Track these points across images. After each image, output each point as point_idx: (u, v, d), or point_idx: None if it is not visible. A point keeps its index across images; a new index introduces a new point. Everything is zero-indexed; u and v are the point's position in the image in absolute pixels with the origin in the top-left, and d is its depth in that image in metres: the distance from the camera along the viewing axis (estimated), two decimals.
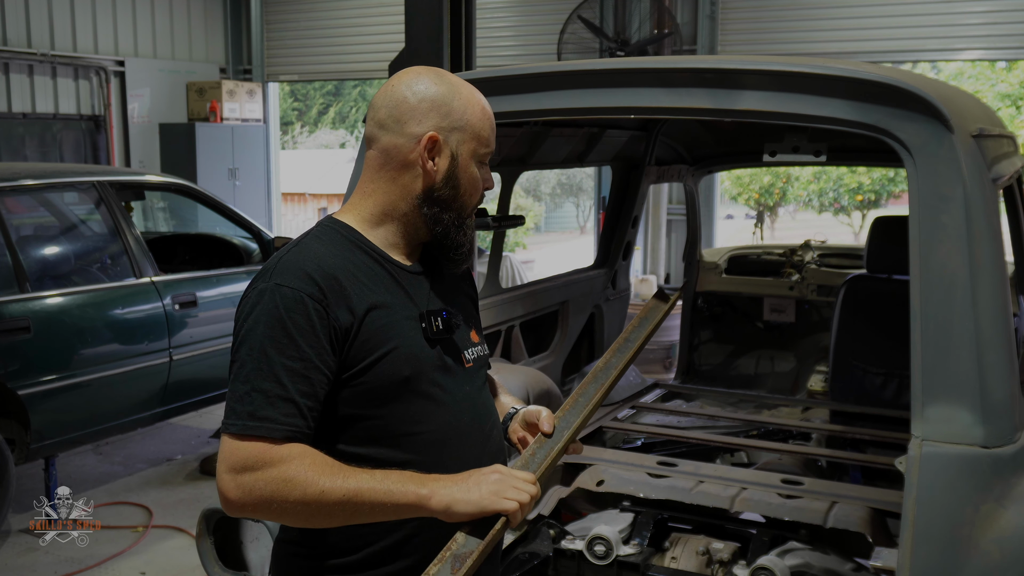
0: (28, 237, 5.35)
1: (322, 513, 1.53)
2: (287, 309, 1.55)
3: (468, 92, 1.72)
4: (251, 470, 1.52)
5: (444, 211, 1.71)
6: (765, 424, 3.70)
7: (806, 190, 17.88)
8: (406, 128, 1.68)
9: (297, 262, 1.61)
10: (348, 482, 1.51)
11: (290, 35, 11.61)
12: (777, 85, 2.10)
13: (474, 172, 1.72)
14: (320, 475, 1.51)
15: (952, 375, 1.87)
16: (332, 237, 1.69)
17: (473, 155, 1.71)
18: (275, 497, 1.51)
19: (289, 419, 1.54)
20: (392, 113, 1.69)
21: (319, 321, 1.56)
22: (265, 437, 1.52)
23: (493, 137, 1.75)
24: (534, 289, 3.85)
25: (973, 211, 1.91)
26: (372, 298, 1.63)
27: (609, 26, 8.89)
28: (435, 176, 1.69)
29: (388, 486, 1.52)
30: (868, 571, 2.43)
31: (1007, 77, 15.89)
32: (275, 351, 1.54)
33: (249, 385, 1.54)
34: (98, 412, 5.03)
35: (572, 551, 2.60)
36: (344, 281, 1.61)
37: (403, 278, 1.70)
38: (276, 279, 1.59)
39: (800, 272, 4.76)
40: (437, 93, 1.68)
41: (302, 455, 1.53)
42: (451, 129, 1.68)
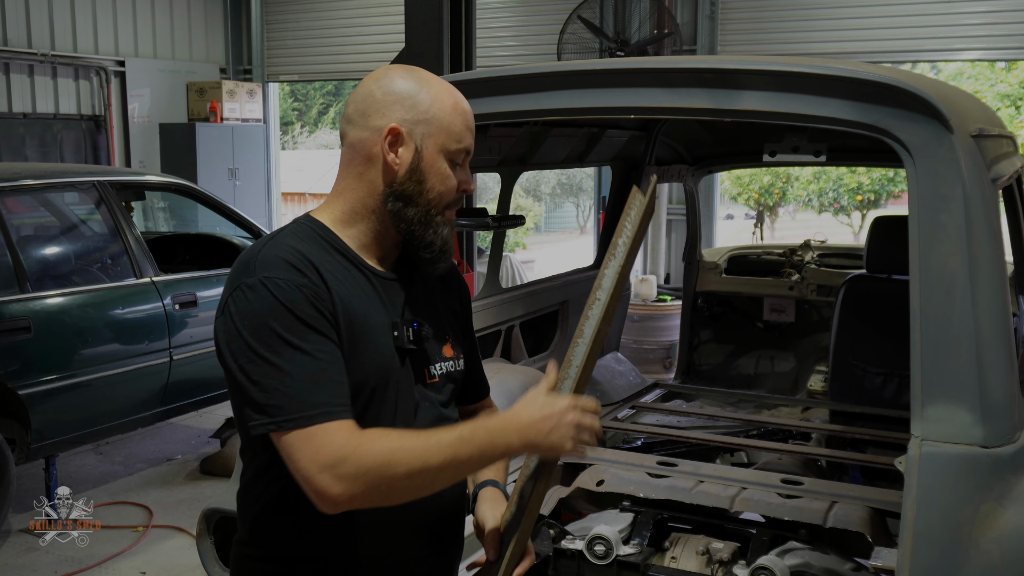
0: (28, 237, 5.35)
1: (427, 482, 1.53)
2: (288, 300, 1.52)
3: (439, 87, 1.68)
4: (345, 460, 1.47)
5: (408, 206, 1.65)
6: (765, 424, 3.70)
7: (806, 190, 17.88)
8: (370, 121, 1.65)
9: (278, 255, 1.57)
10: (443, 446, 1.52)
11: (290, 35, 11.61)
12: (777, 85, 2.10)
13: (443, 167, 1.66)
14: (413, 445, 1.50)
15: (952, 375, 1.88)
16: (307, 235, 1.65)
17: (441, 149, 1.66)
18: (382, 479, 1.48)
19: (339, 399, 1.52)
20: (359, 107, 1.67)
21: (321, 305, 1.54)
22: (330, 422, 1.48)
23: (468, 135, 1.69)
24: (534, 289, 3.85)
25: (973, 211, 1.91)
26: (349, 298, 1.60)
27: (609, 26, 8.89)
28: (398, 169, 1.64)
29: (480, 442, 1.55)
30: (868, 571, 2.43)
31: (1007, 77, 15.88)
32: (297, 339, 1.50)
33: (284, 378, 1.49)
34: (98, 412, 5.03)
35: (572, 551, 2.60)
36: (323, 273, 1.58)
37: (377, 283, 1.67)
38: (263, 273, 1.54)
39: (800, 272, 4.76)
40: (404, 87, 1.66)
41: (381, 434, 1.52)
42: (416, 121, 1.64)
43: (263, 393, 1.49)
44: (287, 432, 1.48)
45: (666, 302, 8.49)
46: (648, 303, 8.44)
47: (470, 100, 2.46)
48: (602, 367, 4.10)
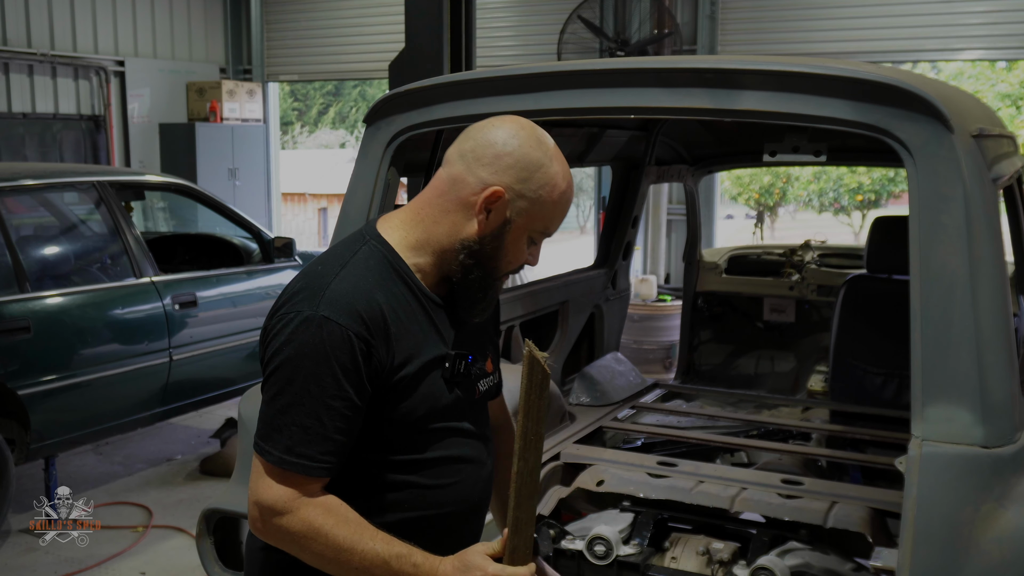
0: (28, 237, 5.35)
1: (336, 570, 1.57)
2: (333, 347, 1.53)
3: (557, 170, 1.65)
4: (279, 513, 1.55)
5: (477, 266, 1.66)
6: (765, 424, 3.70)
7: (806, 190, 17.90)
8: (479, 170, 1.62)
9: (347, 295, 1.57)
10: (365, 559, 1.54)
11: (290, 35, 11.60)
12: (777, 85, 2.10)
13: (521, 244, 1.67)
14: (339, 542, 1.54)
15: (952, 375, 1.87)
16: (378, 263, 1.65)
17: (527, 229, 1.66)
18: (296, 544, 1.56)
19: (325, 457, 1.55)
20: (475, 148, 1.64)
21: (363, 361, 1.56)
22: (302, 475, 1.55)
23: (558, 222, 1.69)
24: (534, 289, 3.85)
25: (973, 211, 1.91)
26: (407, 337, 1.62)
27: (609, 26, 8.89)
28: (483, 229, 1.63)
29: (397, 572, 1.55)
30: (868, 571, 2.43)
31: (1007, 77, 15.89)
32: (318, 388, 1.53)
33: (288, 418, 1.54)
34: (98, 412, 5.03)
35: (572, 551, 2.60)
36: (389, 319, 1.60)
37: (435, 314, 1.69)
38: (324, 311, 1.54)
39: (800, 272, 4.76)
40: (529, 156, 1.62)
41: (328, 511, 1.56)
42: (520, 195, 1.62)
43: (267, 415, 1.57)
44: (261, 457, 1.57)
45: (666, 302, 8.49)
46: (648, 303, 8.44)
47: (470, 100, 2.48)
48: (602, 367, 4.10)
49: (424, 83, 2.56)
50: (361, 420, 1.59)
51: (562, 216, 1.70)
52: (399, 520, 1.66)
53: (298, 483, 1.56)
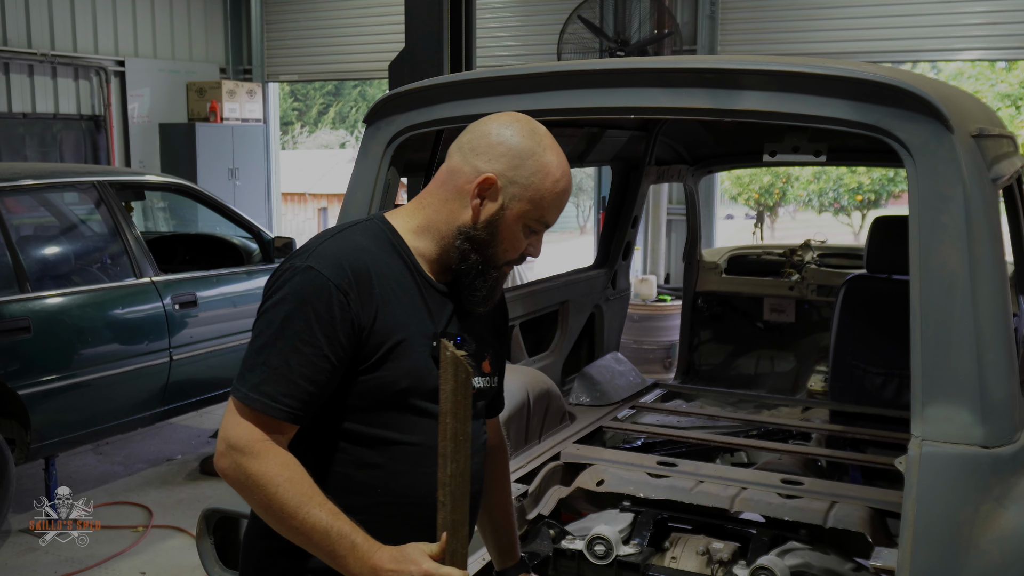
0: (28, 237, 5.35)
1: (279, 528, 1.59)
2: (312, 294, 1.59)
3: (551, 159, 1.70)
4: (240, 452, 1.58)
5: (474, 252, 1.71)
6: (765, 424, 3.70)
7: (806, 190, 17.89)
8: (474, 159, 1.69)
9: (337, 250, 1.64)
10: (307, 523, 1.55)
11: (290, 35, 11.60)
12: (777, 85, 2.10)
13: (517, 232, 1.72)
14: (289, 497, 1.55)
15: (952, 375, 1.87)
16: (376, 234, 1.72)
17: (522, 216, 1.70)
18: (247, 488, 1.58)
19: (285, 399, 1.58)
20: (472, 140, 1.71)
21: (340, 312, 1.59)
22: (261, 412, 1.58)
23: (555, 212, 1.73)
24: (534, 289, 3.85)
25: (973, 211, 1.91)
26: (394, 306, 1.66)
27: (609, 26, 8.89)
28: (478, 216, 1.69)
29: (338, 550, 1.54)
30: (868, 571, 2.43)
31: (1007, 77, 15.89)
32: (291, 331, 1.58)
33: (260, 358, 1.60)
34: (98, 412, 5.03)
35: (572, 551, 2.60)
36: (375, 280, 1.64)
37: (429, 294, 1.72)
38: (311, 261, 1.62)
39: (800, 272, 4.76)
40: (520, 144, 1.68)
41: (286, 465, 1.57)
42: (513, 181, 1.68)
43: (246, 355, 1.63)
44: (233, 394, 1.61)
45: (666, 302, 8.49)
46: (648, 303, 8.44)
47: (470, 100, 2.48)
48: (602, 367, 4.10)
49: (424, 83, 2.56)
50: (332, 375, 1.61)
51: (558, 205, 1.73)
52: (365, 504, 1.65)
53: (263, 424, 1.59)
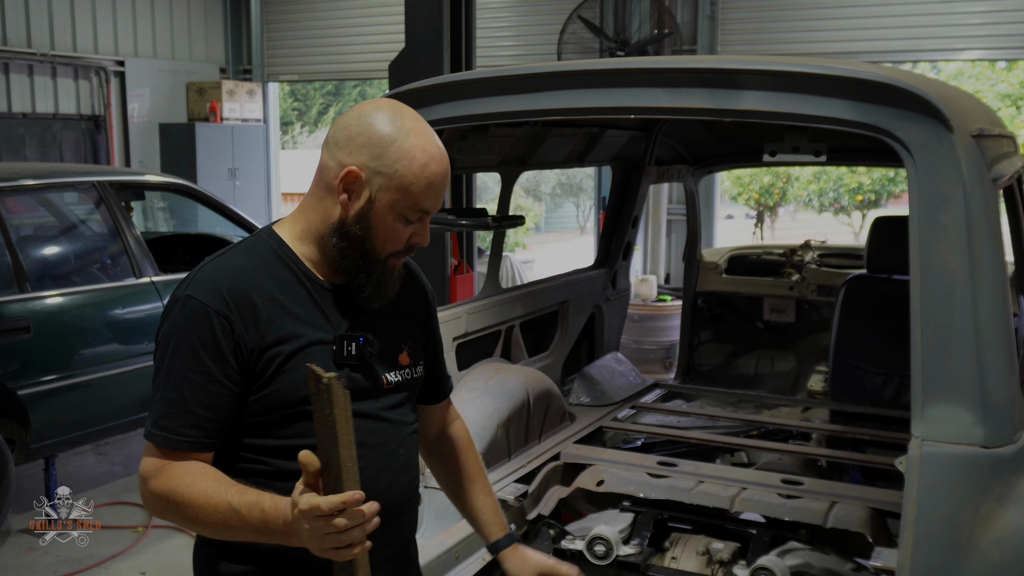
0: (28, 237, 5.34)
1: (204, 531, 1.60)
2: (193, 323, 1.59)
3: (416, 142, 1.62)
4: (148, 479, 1.60)
5: (351, 248, 1.66)
6: (765, 424, 3.70)
7: (806, 190, 17.87)
8: (338, 153, 1.64)
9: (213, 274, 1.64)
10: (219, 510, 1.54)
11: (290, 35, 11.60)
12: (777, 85, 2.10)
13: (391, 222, 1.65)
14: (195, 497, 1.55)
15: (952, 375, 1.87)
16: (261, 249, 1.69)
17: (393, 206, 1.63)
18: (165, 508, 1.60)
19: (187, 430, 1.59)
20: (336, 134, 1.66)
21: (223, 336, 1.59)
22: (165, 447, 1.60)
23: (429, 198, 1.65)
24: (534, 289, 3.85)
25: (973, 211, 1.91)
26: (283, 319, 1.64)
27: (609, 26, 8.89)
28: (347, 211, 1.64)
29: (253, 522, 1.51)
30: (868, 571, 2.43)
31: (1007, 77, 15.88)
32: (180, 363, 1.60)
33: (158, 393, 1.62)
34: (98, 412, 5.03)
35: (572, 551, 2.60)
36: (256, 299, 1.62)
37: (323, 298, 1.69)
38: (189, 290, 1.63)
39: (800, 272, 4.76)
40: (378, 132, 1.62)
41: (187, 471, 1.58)
42: (377, 172, 1.62)
43: (150, 396, 1.65)
44: (144, 436, 1.65)
45: (666, 302, 8.49)
46: (648, 303, 8.44)
47: (470, 100, 2.48)
48: (602, 367, 4.10)
49: (424, 83, 2.56)
50: (230, 399, 1.61)
51: (432, 191, 1.65)
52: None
53: (168, 455, 1.61)
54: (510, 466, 3.03)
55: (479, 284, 6.90)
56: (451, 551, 2.55)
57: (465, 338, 3.27)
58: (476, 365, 3.34)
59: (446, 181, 1.68)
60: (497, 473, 2.96)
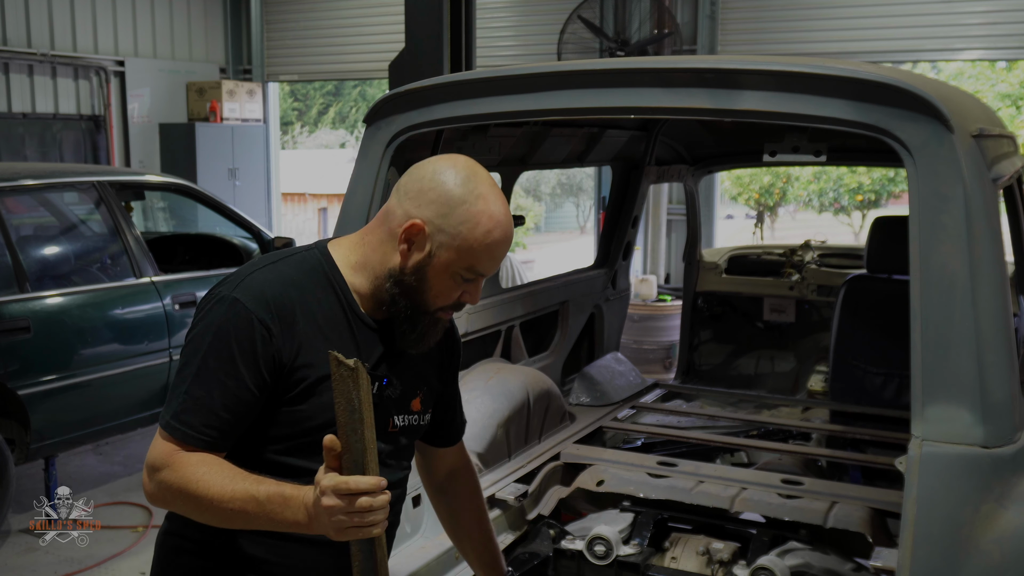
0: (28, 237, 5.34)
1: (219, 521, 1.60)
2: (236, 327, 1.60)
3: (482, 208, 1.65)
4: (160, 469, 1.60)
5: (403, 296, 1.68)
6: (765, 424, 3.70)
7: (806, 190, 17.88)
8: (406, 203, 1.66)
9: (263, 283, 1.64)
10: (236, 499, 1.54)
11: (290, 35, 11.60)
12: (777, 85, 2.10)
13: (446, 281, 1.67)
14: (211, 484, 1.55)
15: (952, 375, 1.87)
16: (313, 268, 1.70)
17: (450, 265, 1.65)
18: (176, 498, 1.59)
19: (207, 430, 1.60)
20: (408, 182, 1.68)
21: (262, 346, 1.60)
22: (180, 441, 1.60)
23: (486, 264, 1.68)
24: (534, 289, 3.85)
25: (973, 211, 1.91)
26: (318, 342, 1.64)
27: (609, 26, 8.89)
28: (406, 260, 1.66)
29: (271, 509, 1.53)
30: (868, 571, 2.43)
31: (1007, 77, 15.88)
32: (215, 363, 1.60)
33: (184, 386, 1.61)
34: (98, 412, 5.03)
35: (572, 551, 2.60)
36: (299, 315, 1.63)
37: (360, 331, 1.71)
38: (237, 293, 1.62)
39: (800, 272, 4.76)
40: (451, 192, 1.64)
41: (201, 461, 1.58)
42: (440, 230, 1.63)
43: (174, 384, 1.65)
44: (159, 423, 1.64)
45: (666, 302, 8.49)
46: (648, 303, 8.44)
47: (470, 100, 2.48)
48: (602, 367, 4.10)
49: (424, 83, 2.56)
50: (254, 406, 1.62)
51: (491, 257, 1.67)
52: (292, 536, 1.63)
53: (180, 448, 1.60)
54: (510, 466, 3.03)
55: None
56: (451, 551, 2.55)
57: (465, 338, 3.27)
58: (476, 365, 3.34)
59: (507, 248, 1.72)
60: (497, 473, 2.96)
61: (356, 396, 1.42)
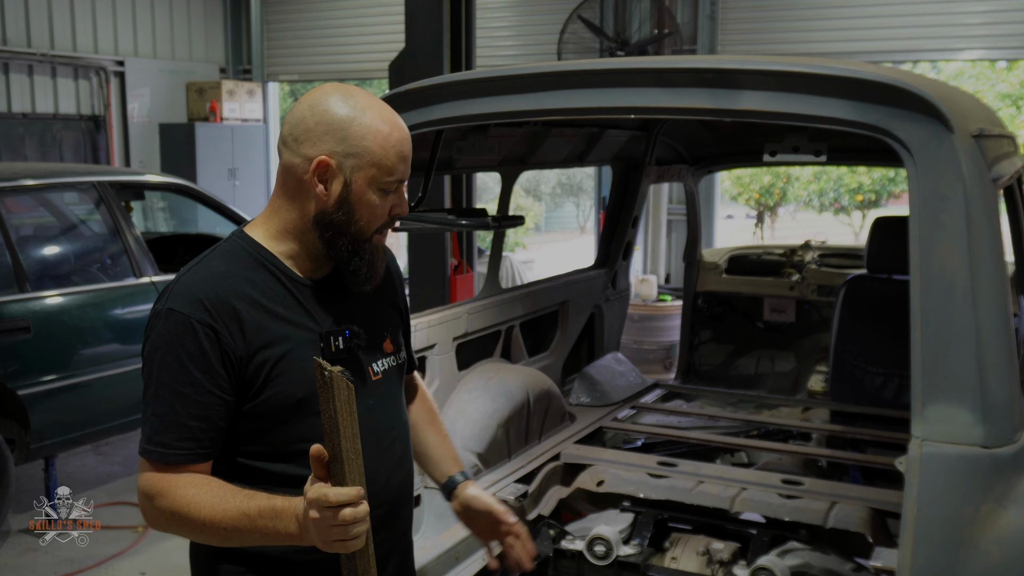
0: (28, 237, 5.35)
1: (216, 540, 1.60)
2: (178, 335, 1.59)
3: (373, 116, 1.65)
4: (152, 497, 1.60)
5: (338, 236, 1.68)
6: (765, 424, 3.70)
7: (806, 190, 17.86)
8: (301, 148, 1.65)
9: (192, 285, 1.64)
10: (228, 516, 1.54)
11: (290, 35, 11.60)
12: (777, 85, 2.10)
13: (372, 199, 1.67)
14: (202, 504, 1.55)
15: (952, 375, 1.87)
16: (236, 254, 1.70)
17: (371, 182, 1.66)
18: (172, 523, 1.60)
19: (181, 443, 1.59)
20: (292, 131, 1.67)
21: (210, 346, 1.59)
22: (160, 462, 1.60)
23: (401, 166, 1.68)
24: (534, 289, 3.85)
25: (973, 211, 1.91)
26: (267, 322, 1.64)
27: (609, 26, 8.89)
28: (327, 200, 1.66)
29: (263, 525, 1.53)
30: (868, 571, 2.43)
31: (1007, 77, 15.87)
32: (168, 376, 1.59)
33: (149, 409, 1.61)
34: (98, 412, 5.03)
35: (572, 551, 2.60)
36: (238, 306, 1.62)
37: (305, 295, 1.70)
38: (170, 303, 1.62)
39: (800, 272, 4.76)
40: (336, 116, 1.64)
41: (190, 483, 1.58)
42: (346, 154, 1.64)
43: (142, 413, 1.64)
44: (139, 454, 1.64)
45: (666, 302, 8.49)
46: (648, 303, 8.44)
47: (470, 100, 2.48)
48: (602, 367, 4.10)
49: (424, 83, 2.56)
50: (222, 406, 1.61)
51: (401, 158, 1.68)
52: None
53: (164, 470, 1.61)
54: (510, 466, 3.03)
55: (479, 284, 6.90)
56: (451, 551, 2.55)
57: (465, 338, 3.27)
58: (476, 365, 3.34)
59: (410, 145, 1.71)
60: (497, 473, 2.96)
61: (333, 406, 1.42)
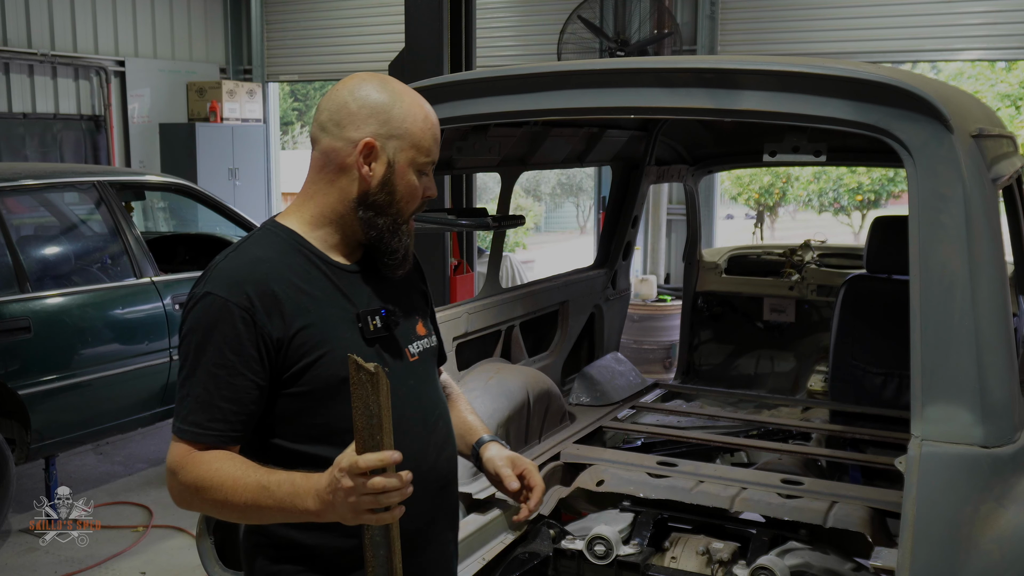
0: (28, 237, 5.35)
1: (235, 516, 1.63)
2: (214, 318, 1.63)
3: (411, 101, 1.74)
4: (176, 472, 1.63)
5: (379, 216, 1.74)
6: (765, 424, 3.70)
7: (806, 190, 17.87)
8: (344, 132, 1.71)
9: (230, 270, 1.67)
10: (248, 491, 1.56)
11: (290, 35, 11.60)
12: (777, 85, 2.10)
13: (412, 180, 1.75)
14: (223, 481, 1.58)
15: (952, 375, 1.87)
16: (271, 240, 1.74)
17: (411, 163, 1.74)
18: (195, 498, 1.63)
19: (213, 424, 1.62)
20: (333, 117, 1.73)
21: (245, 329, 1.62)
22: (193, 442, 1.63)
23: (435, 147, 1.77)
24: (534, 289, 3.85)
25: (973, 211, 1.91)
26: (306, 304, 1.67)
27: (609, 26, 8.89)
28: (371, 181, 1.72)
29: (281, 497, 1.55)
30: (868, 571, 2.43)
31: (1007, 77, 15.88)
32: (204, 359, 1.63)
33: (184, 390, 1.65)
34: (98, 412, 5.03)
35: (572, 551, 2.60)
36: (277, 289, 1.65)
37: (341, 279, 1.74)
38: (208, 287, 1.66)
39: (800, 272, 4.76)
40: (378, 100, 1.72)
41: (214, 458, 1.61)
42: (389, 136, 1.71)
43: (177, 390, 1.69)
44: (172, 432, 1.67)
45: (666, 302, 8.49)
46: (648, 303, 8.44)
47: (470, 100, 2.48)
48: (602, 367, 4.10)
49: (424, 83, 2.56)
50: (255, 390, 1.63)
51: (435, 140, 1.77)
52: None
53: (194, 449, 1.63)
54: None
55: (479, 284, 6.90)
56: None
57: (465, 338, 3.28)
58: (476, 365, 3.34)
59: (439, 129, 1.80)
60: None
61: (375, 402, 1.42)
